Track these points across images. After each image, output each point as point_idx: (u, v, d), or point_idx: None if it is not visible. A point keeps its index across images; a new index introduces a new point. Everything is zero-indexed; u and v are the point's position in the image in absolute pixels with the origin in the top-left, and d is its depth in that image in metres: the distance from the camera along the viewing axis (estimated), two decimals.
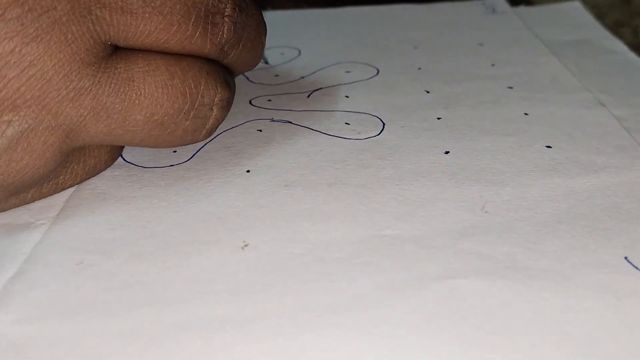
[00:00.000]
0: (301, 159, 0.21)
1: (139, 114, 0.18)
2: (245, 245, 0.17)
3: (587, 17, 0.35)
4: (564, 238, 0.17)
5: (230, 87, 0.20)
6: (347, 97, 0.25)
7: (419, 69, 0.28)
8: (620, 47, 0.31)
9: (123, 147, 0.21)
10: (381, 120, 0.23)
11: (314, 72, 0.28)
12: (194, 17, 0.18)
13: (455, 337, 0.14)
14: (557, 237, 0.17)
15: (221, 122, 0.21)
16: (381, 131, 0.23)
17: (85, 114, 0.17)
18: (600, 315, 0.15)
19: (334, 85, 0.26)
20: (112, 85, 0.17)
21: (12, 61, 0.16)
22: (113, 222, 0.18)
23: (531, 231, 0.17)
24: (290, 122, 0.23)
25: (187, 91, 0.19)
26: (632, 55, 0.30)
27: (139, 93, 0.18)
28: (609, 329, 0.14)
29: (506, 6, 0.36)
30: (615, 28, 0.42)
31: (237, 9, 0.19)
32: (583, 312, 0.15)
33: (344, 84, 0.27)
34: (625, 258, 0.16)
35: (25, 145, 0.17)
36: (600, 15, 0.42)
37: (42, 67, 0.16)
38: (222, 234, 0.17)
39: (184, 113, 0.19)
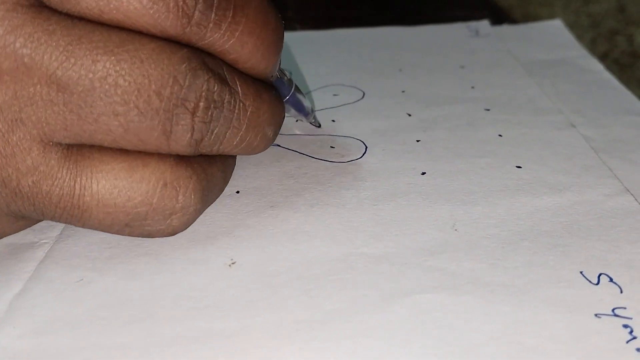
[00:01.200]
0: (287, 181, 0.22)
1: (77, 221, 0.18)
2: (233, 263, 0.18)
3: (566, 36, 0.36)
4: (525, 254, 0.19)
5: (202, 193, 0.18)
6: (333, 121, 0.27)
7: (403, 91, 0.30)
8: (596, 66, 0.32)
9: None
10: (364, 143, 0.25)
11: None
12: (148, 121, 0.16)
13: (419, 349, 0.15)
14: (519, 253, 0.19)
15: (185, 228, 0.19)
16: (363, 154, 0.24)
17: (28, 212, 0.17)
18: (552, 327, 0.16)
19: (321, 110, 0.28)
20: (53, 195, 0.17)
21: None
22: (110, 241, 0.20)
23: (496, 248, 0.19)
24: (279, 146, 0.25)
25: (136, 205, 0.17)
26: (606, 74, 0.31)
27: (79, 207, 0.17)
28: (560, 339, 0.16)
29: (489, 29, 0.37)
30: (610, 36, 0.43)
31: (211, 106, 0.17)
32: (537, 324, 0.16)
33: (331, 107, 0.28)
34: (581, 272, 0.18)
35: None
36: (595, 23, 0.43)
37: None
38: (211, 252, 0.19)
39: (128, 227, 0.18)
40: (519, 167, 0.23)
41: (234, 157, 0.21)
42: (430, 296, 0.17)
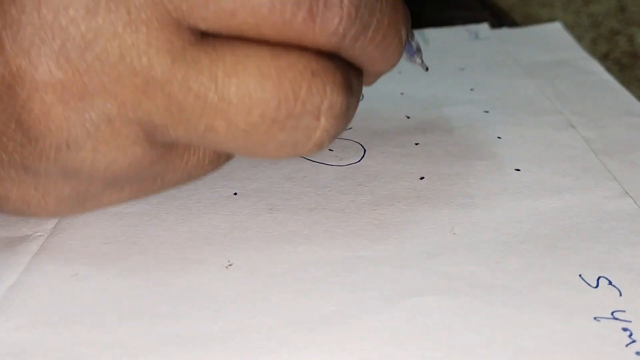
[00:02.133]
0: (286, 184, 0.22)
1: (221, 120, 0.15)
2: (230, 265, 0.18)
3: (566, 38, 0.36)
4: (524, 257, 0.18)
5: (348, 91, 0.16)
6: None
7: (402, 94, 0.30)
8: (596, 67, 0.32)
9: None
10: (362, 146, 0.25)
11: None
12: None
13: (417, 351, 0.15)
14: (518, 256, 0.19)
15: (337, 134, 0.16)
16: (362, 157, 0.24)
17: (160, 111, 0.15)
18: (551, 329, 0.16)
19: None
20: (191, 83, 0.14)
21: (72, 38, 0.14)
22: (107, 236, 0.19)
23: (495, 251, 0.19)
24: None
25: (282, 97, 0.15)
26: (607, 76, 0.31)
27: (221, 97, 0.15)
28: (558, 342, 0.16)
29: (489, 32, 0.37)
30: (611, 36, 0.43)
31: None
32: (536, 326, 0.16)
33: None
34: (580, 276, 0.18)
35: (108, 135, 0.15)
36: (595, 24, 0.43)
37: (106, 47, 0.14)
38: (209, 253, 0.19)
39: (277, 123, 0.15)
40: (518, 169, 0.23)
41: (362, 78, 0.18)
42: (429, 299, 0.17)
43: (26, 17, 0.14)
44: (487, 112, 0.27)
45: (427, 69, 0.24)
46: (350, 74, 0.16)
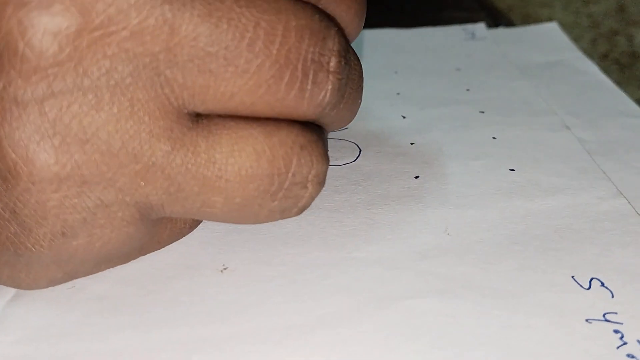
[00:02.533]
0: None
1: (218, 196, 0.16)
2: (225, 269, 0.18)
3: (562, 39, 0.36)
4: (517, 259, 0.19)
5: (327, 158, 0.17)
6: None
7: (398, 94, 0.30)
8: (591, 68, 0.32)
9: None
10: (358, 146, 0.25)
11: None
12: (287, 77, 0.15)
13: (410, 354, 0.16)
14: (511, 257, 0.19)
15: (315, 197, 0.18)
16: (357, 157, 0.24)
17: (159, 193, 0.16)
18: (543, 331, 0.16)
19: None
20: (189, 166, 0.15)
21: (73, 134, 0.14)
22: None
23: (488, 252, 0.19)
24: None
25: (276, 172, 0.16)
26: (602, 76, 0.31)
27: (218, 176, 0.16)
28: (550, 344, 0.16)
29: (485, 32, 0.37)
30: (610, 36, 0.43)
31: (342, 61, 0.16)
32: (528, 328, 0.16)
33: None
34: (572, 277, 0.18)
35: (103, 221, 0.16)
36: (595, 24, 0.43)
37: (107, 139, 0.15)
38: (204, 257, 0.19)
39: (271, 195, 0.16)
40: (513, 169, 0.23)
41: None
42: (422, 300, 0.17)
43: (27, 115, 0.14)
44: (483, 112, 0.27)
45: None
46: (325, 140, 0.18)
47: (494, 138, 0.25)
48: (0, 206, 0.15)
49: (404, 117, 0.27)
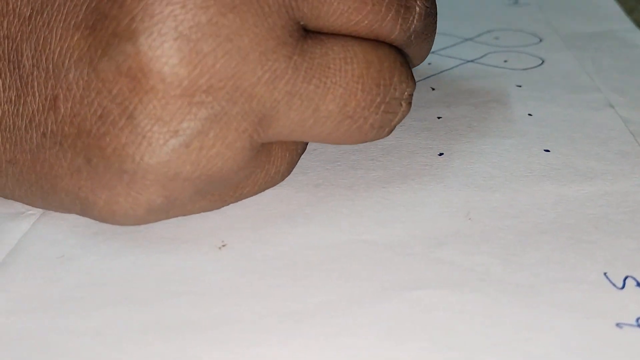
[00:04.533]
0: None
1: (332, 103, 0.16)
2: (223, 246, 0.17)
3: (613, 7, 0.34)
4: (544, 250, 0.17)
5: (415, 81, 0.19)
6: None
7: (429, 63, 0.28)
8: None
9: (300, 155, 0.20)
10: None
11: None
12: None
13: (411, 351, 0.14)
14: (538, 248, 0.17)
15: (402, 119, 0.19)
16: None
17: (280, 99, 0.16)
18: (566, 335, 0.14)
19: None
20: (308, 70, 0.16)
21: (208, 34, 0.15)
22: None
23: (512, 241, 0.17)
24: None
25: (382, 82, 0.17)
26: None
27: (334, 81, 0.16)
28: (573, 350, 0.14)
29: None
30: None
31: None
32: (549, 331, 0.14)
33: None
34: (604, 274, 0.16)
35: (218, 130, 0.15)
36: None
37: (239, 42, 0.15)
38: (202, 232, 0.17)
39: (376, 106, 0.17)
40: (547, 150, 0.21)
41: None
42: (433, 292, 0.15)
43: (168, 12, 0.14)
44: (520, 86, 0.25)
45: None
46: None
47: (529, 115, 0.23)
48: (119, 111, 0.15)
49: (432, 89, 0.25)
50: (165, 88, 0.15)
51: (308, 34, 0.16)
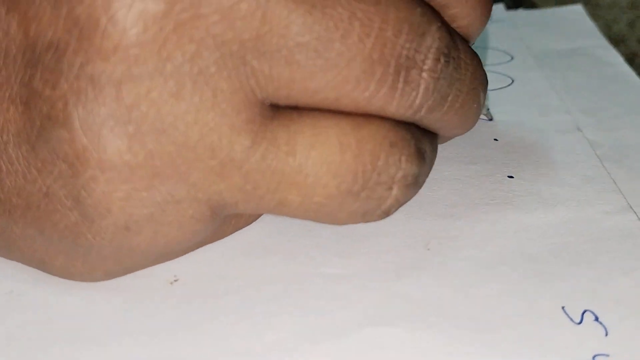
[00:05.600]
0: None
1: (296, 195, 0.15)
2: (175, 281, 0.17)
3: (587, 24, 0.34)
4: (503, 282, 0.17)
5: (421, 161, 0.16)
6: None
7: None
8: (615, 58, 0.30)
9: None
10: None
11: None
12: (379, 74, 0.14)
13: None
14: (496, 281, 0.17)
15: (406, 201, 0.16)
16: None
17: (234, 191, 0.15)
18: None
19: None
20: (269, 160, 0.14)
21: (149, 123, 0.13)
22: None
23: (470, 273, 0.17)
24: None
25: (360, 169, 0.15)
26: (626, 67, 0.29)
27: (298, 170, 0.14)
28: None
29: (504, 14, 0.35)
30: None
31: (441, 60, 0.15)
32: None
33: None
34: (562, 308, 0.16)
35: (170, 218, 0.15)
36: (634, 4, 0.40)
37: (185, 131, 0.14)
38: (154, 267, 0.17)
39: (352, 195, 0.15)
40: (511, 176, 0.21)
41: (436, 143, 0.18)
42: (386, 330, 0.15)
43: (103, 98, 0.13)
44: (488, 109, 0.25)
45: (491, 119, 0.24)
46: (424, 142, 0.16)
47: (495, 140, 0.23)
48: (63, 193, 0.14)
49: None
50: (107, 177, 0.14)
51: (277, 111, 0.15)
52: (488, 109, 0.24)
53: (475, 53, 0.17)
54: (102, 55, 0.13)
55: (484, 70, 0.18)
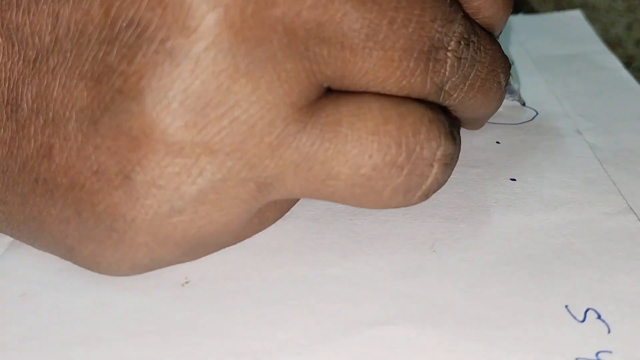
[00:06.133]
0: None
1: (343, 165, 0.15)
2: (187, 282, 0.17)
3: (585, 29, 0.34)
4: (506, 282, 0.17)
5: (456, 142, 0.17)
6: None
7: None
8: (614, 63, 0.30)
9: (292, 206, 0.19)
10: None
11: None
12: (416, 53, 0.16)
13: None
14: (500, 280, 0.17)
15: (443, 184, 0.17)
16: None
17: (286, 166, 0.15)
18: None
19: None
20: (317, 132, 0.15)
21: (217, 99, 0.14)
22: None
23: (475, 273, 0.17)
24: None
25: (403, 140, 0.16)
26: (624, 73, 0.29)
27: (345, 140, 0.15)
28: None
29: None
30: None
31: (462, 43, 0.17)
32: None
33: None
34: (566, 307, 0.16)
35: (215, 198, 0.15)
36: (631, 8, 0.41)
37: (248, 108, 0.14)
38: (165, 268, 0.17)
39: (397, 167, 0.16)
40: (514, 179, 0.21)
41: (459, 131, 0.19)
42: (394, 328, 0.16)
43: (178, 73, 0.14)
44: (520, 95, 0.26)
45: (523, 104, 0.26)
46: (454, 127, 0.17)
47: (497, 143, 0.23)
48: (115, 170, 0.15)
49: None
50: (165, 152, 0.14)
51: (326, 92, 0.16)
52: (520, 95, 0.26)
53: (495, 41, 0.19)
54: (183, 32, 0.14)
55: (504, 55, 0.19)
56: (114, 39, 0.14)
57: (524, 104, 0.26)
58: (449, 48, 0.16)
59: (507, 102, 0.25)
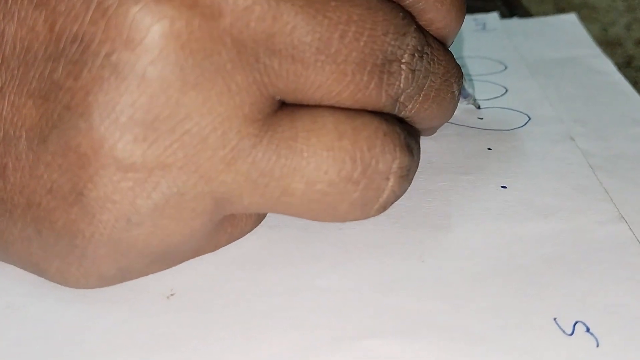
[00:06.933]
0: None
1: (299, 182, 0.16)
2: (172, 295, 0.17)
3: (580, 33, 0.34)
4: (496, 294, 0.17)
5: (412, 154, 0.17)
6: None
7: None
8: (608, 67, 0.30)
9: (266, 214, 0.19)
10: None
11: None
12: (369, 66, 0.16)
13: None
14: (489, 292, 0.17)
15: (400, 196, 0.17)
16: None
17: (242, 180, 0.15)
18: None
19: None
20: (274, 147, 0.15)
21: (166, 112, 0.14)
22: None
23: (463, 285, 0.17)
24: None
25: (358, 155, 0.16)
26: (619, 76, 0.29)
27: (301, 156, 0.15)
28: None
29: (497, 23, 0.35)
30: None
31: (416, 55, 0.17)
32: None
33: None
34: (554, 319, 0.16)
35: (172, 211, 0.15)
36: (631, 7, 0.40)
37: (199, 121, 0.14)
38: (151, 280, 0.17)
39: (353, 182, 0.16)
40: (504, 187, 0.21)
41: (419, 140, 0.20)
42: (380, 342, 0.15)
43: (125, 87, 0.14)
44: (481, 119, 0.25)
45: (479, 107, 0.26)
46: (410, 139, 0.17)
47: (489, 149, 0.23)
48: (68, 187, 0.15)
49: None
50: (116, 167, 0.14)
51: (281, 107, 0.16)
52: (475, 99, 0.26)
53: (448, 51, 0.19)
54: (128, 46, 0.14)
55: (457, 65, 0.19)
56: (60, 55, 0.14)
57: (479, 107, 0.26)
58: (403, 60, 0.16)
59: (462, 105, 0.25)
